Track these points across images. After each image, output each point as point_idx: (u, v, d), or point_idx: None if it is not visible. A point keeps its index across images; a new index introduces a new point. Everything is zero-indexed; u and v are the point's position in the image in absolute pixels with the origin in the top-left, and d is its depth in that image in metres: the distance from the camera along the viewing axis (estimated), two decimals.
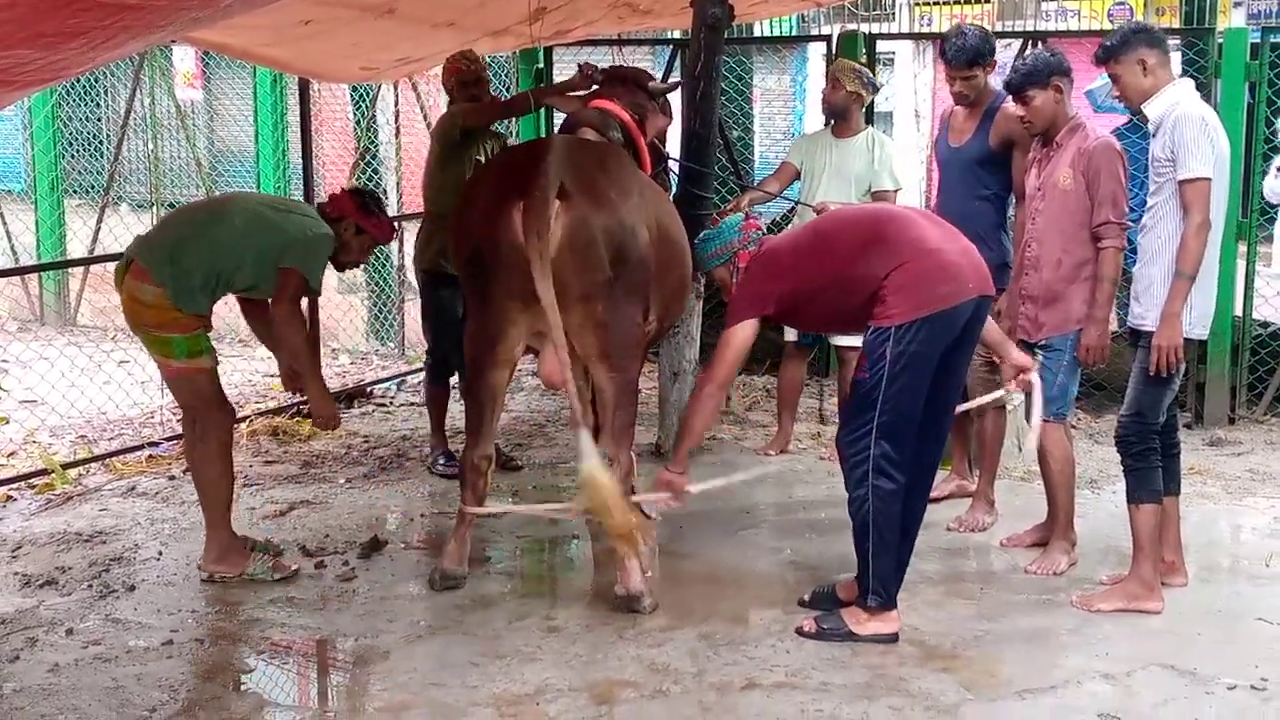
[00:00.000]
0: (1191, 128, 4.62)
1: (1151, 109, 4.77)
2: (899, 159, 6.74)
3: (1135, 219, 5.19)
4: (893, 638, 4.55)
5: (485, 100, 6.49)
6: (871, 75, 6.87)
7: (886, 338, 4.35)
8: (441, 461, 6.62)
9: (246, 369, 9.16)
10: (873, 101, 7.02)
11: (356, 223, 5.30)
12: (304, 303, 5.58)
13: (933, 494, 5.45)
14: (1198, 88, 5.14)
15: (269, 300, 5.21)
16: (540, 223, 4.54)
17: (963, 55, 5.71)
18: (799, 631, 4.61)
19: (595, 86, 5.81)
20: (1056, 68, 5.16)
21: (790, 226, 6.63)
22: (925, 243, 4.46)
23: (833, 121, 6.82)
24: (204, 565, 5.18)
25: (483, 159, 6.39)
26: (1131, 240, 5.21)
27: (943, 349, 4.40)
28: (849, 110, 6.66)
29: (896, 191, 6.62)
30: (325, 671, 4.63)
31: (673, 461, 4.72)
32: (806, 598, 4.89)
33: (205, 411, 5.09)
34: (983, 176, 5.79)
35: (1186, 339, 4.71)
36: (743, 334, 4.58)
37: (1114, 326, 5.12)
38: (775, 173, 6.97)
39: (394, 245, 9.94)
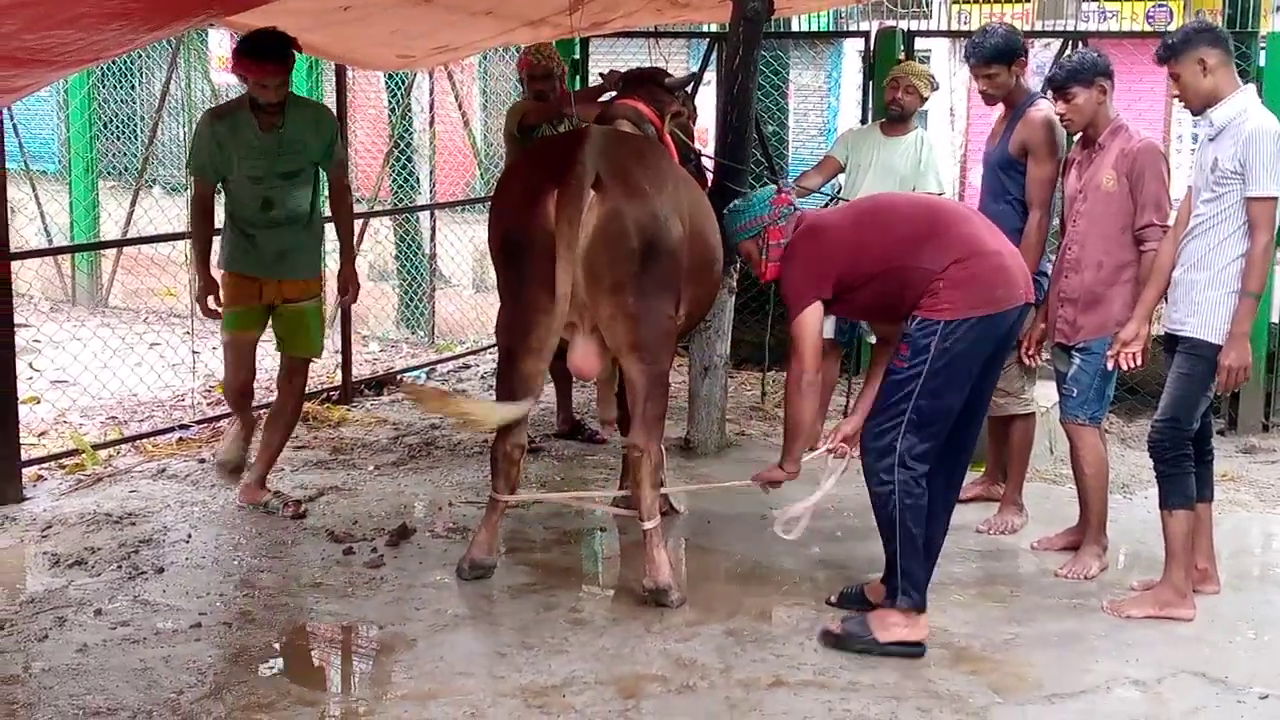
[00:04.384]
0: (1269, 144, 4.51)
1: (1217, 114, 4.64)
2: (944, 161, 6.69)
3: None
4: (918, 646, 4.44)
5: (552, 97, 6.62)
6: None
7: (934, 331, 4.29)
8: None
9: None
10: None
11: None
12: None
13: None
14: None
15: None
16: (574, 211, 4.54)
17: (980, 52, 5.61)
18: (823, 634, 4.54)
19: (612, 92, 5.88)
20: (1103, 68, 5.10)
21: None
22: (984, 243, 4.41)
23: (883, 119, 6.77)
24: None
25: None
26: None
27: (988, 352, 4.36)
28: (913, 113, 6.65)
29: (940, 194, 6.56)
30: (352, 659, 4.64)
31: (787, 460, 4.73)
32: (834, 599, 4.86)
33: None
34: (1004, 181, 5.68)
35: (1218, 345, 4.64)
36: (812, 318, 4.48)
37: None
38: (817, 166, 6.94)
39: (425, 235, 9.95)
